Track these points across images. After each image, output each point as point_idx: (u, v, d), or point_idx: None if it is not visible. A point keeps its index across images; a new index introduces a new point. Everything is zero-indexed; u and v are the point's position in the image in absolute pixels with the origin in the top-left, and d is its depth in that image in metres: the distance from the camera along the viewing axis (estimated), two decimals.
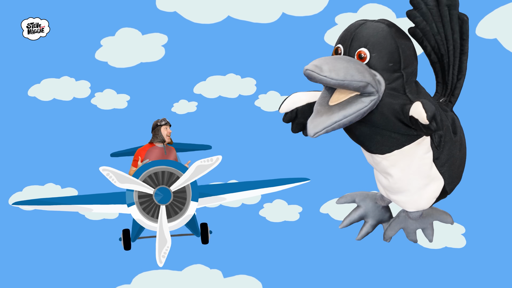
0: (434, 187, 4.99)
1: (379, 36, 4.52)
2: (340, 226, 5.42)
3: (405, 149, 4.75)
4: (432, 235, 5.28)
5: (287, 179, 5.46)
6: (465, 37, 4.97)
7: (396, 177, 4.93)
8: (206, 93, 6.97)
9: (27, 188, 6.11)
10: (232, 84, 7.02)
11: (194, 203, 4.98)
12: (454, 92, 5.12)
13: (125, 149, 6.35)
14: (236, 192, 5.33)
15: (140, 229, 5.28)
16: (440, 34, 4.94)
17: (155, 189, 4.91)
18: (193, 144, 6.13)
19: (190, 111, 6.84)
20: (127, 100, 6.91)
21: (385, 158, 4.83)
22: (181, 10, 7.03)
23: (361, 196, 5.47)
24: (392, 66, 4.52)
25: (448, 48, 4.99)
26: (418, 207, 5.09)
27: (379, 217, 5.43)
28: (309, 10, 7.01)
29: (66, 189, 6.11)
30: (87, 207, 5.25)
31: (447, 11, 4.87)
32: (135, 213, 4.97)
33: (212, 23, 7.02)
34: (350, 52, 4.55)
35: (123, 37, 7.09)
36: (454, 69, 5.05)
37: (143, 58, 7.05)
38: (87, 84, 6.98)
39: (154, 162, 4.99)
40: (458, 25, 4.93)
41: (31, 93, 6.93)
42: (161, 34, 7.09)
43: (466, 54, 5.02)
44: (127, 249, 5.36)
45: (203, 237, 5.38)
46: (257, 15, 7.01)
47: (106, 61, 7.03)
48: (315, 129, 4.39)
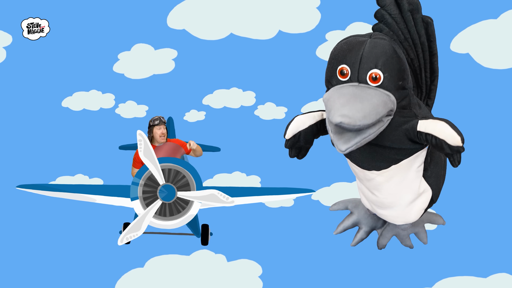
0: (423, 199, 4.61)
1: (388, 55, 4.03)
2: (335, 232, 5.05)
3: (402, 163, 4.36)
4: (425, 238, 4.91)
5: (292, 189, 5.12)
6: (432, 39, 4.61)
7: (387, 193, 4.51)
8: (213, 104, 7.05)
9: (60, 178, 6.03)
10: (235, 97, 7.10)
11: (197, 204, 4.74)
12: (430, 95, 4.80)
13: (134, 143, 5.96)
14: (240, 196, 4.96)
15: None
16: (407, 40, 4.56)
17: (161, 185, 4.66)
18: (204, 145, 5.94)
19: (200, 119, 6.89)
20: (146, 110, 6.90)
21: (381, 174, 4.41)
22: (189, 27, 7.18)
23: (353, 203, 5.08)
24: (401, 84, 4.09)
25: (417, 51, 4.62)
26: (407, 220, 4.70)
27: (372, 224, 5.02)
28: (303, 27, 7.11)
29: (93, 179, 6.03)
30: (90, 197, 4.97)
31: (410, 16, 4.50)
32: (137, 207, 4.69)
33: (216, 40, 7.13)
34: (360, 73, 4.03)
35: (137, 51, 7.21)
36: (426, 71, 4.71)
37: (156, 71, 7.15)
38: (111, 96, 6.99)
39: (161, 159, 4.70)
40: (423, 28, 4.56)
41: (64, 104, 6.95)
42: (172, 49, 7.18)
43: (435, 55, 4.67)
44: (126, 243, 4.97)
45: (203, 238, 5.09)
46: (256, 32, 7.13)
47: (123, 73, 7.10)
48: (347, 144, 3.94)
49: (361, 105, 3.89)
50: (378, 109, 3.92)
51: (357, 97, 3.94)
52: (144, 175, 4.69)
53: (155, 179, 4.67)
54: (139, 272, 4.67)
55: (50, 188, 5.03)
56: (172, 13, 7.18)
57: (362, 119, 3.85)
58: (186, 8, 7.18)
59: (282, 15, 7.15)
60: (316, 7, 7.13)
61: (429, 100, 4.83)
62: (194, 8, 7.17)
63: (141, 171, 4.71)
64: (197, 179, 4.75)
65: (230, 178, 6.05)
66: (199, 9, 7.17)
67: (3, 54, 6.96)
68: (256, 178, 6.00)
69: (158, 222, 4.72)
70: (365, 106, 3.89)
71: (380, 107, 3.94)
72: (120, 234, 4.94)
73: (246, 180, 5.99)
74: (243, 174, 6.07)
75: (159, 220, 4.71)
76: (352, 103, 3.89)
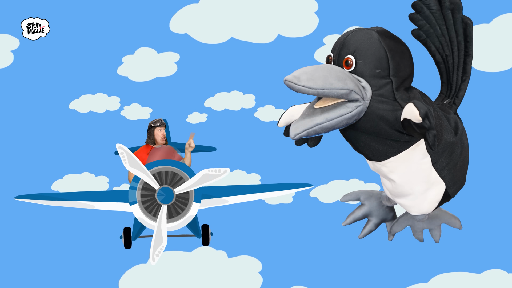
0: (435, 191, 4.50)
1: (366, 43, 4.03)
2: (344, 223, 4.96)
3: (401, 155, 4.28)
4: (438, 237, 4.86)
5: (290, 184, 5.06)
6: (469, 40, 4.55)
7: (397, 183, 4.46)
8: (214, 107, 7.08)
9: (67, 176, 6.05)
10: (236, 99, 7.12)
11: (196, 205, 4.62)
12: (458, 94, 4.70)
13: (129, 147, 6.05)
14: (239, 195, 4.93)
15: (141, 228, 4.90)
16: (444, 36, 4.54)
17: (158, 188, 4.54)
18: (199, 145, 5.97)
19: (202, 121, 6.91)
20: (150, 112, 6.93)
21: (384, 164, 4.36)
22: (191, 32, 7.18)
23: (366, 195, 4.97)
24: (379, 73, 4.03)
25: (453, 49, 4.57)
26: (421, 210, 4.61)
27: (383, 216, 4.94)
28: (301, 31, 7.12)
29: (99, 176, 6.07)
30: (89, 204, 4.85)
31: (451, 15, 4.48)
32: (137, 211, 4.58)
33: (217, 43, 7.15)
34: (339, 60, 4.09)
35: (141, 55, 7.22)
36: (458, 70, 4.63)
37: (159, 73, 7.17)
38: (117, 99, 7.01)
39: (158, 162, 4.62)
40: (462, 28, 4.52)
41: (72, 107, 6.95)
42: (174, 53, 7.20)
43: (470, 56, 4.61)
44: (127, 247, 5.00)
45: (204, 238, 5.01)
46: (256, 36, 7.15)
47: (127, 76, 7.11)
48: (296, 130, 3.92)
49: (313, 71, 3.88)
50: (329, 79, 3.86)
51: (317, 67, 3.95)
52: (141, 179, 4.58)
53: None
54: (142, 267, 4.68)
55: (48, 197, 4.90)
56: (175, 18, 7.21)
57: (307, 80, 3.81)
58: (188, 13, 7.21)
59: (281, 19, 7.18)
60: (314, 12, 7.16)
61: (456, 98, 4.74)
62: (196, 13, 7.21)
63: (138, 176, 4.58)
64: None
65: (231, 175, 6.10)
66: (201, 14, 7.21)
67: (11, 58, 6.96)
68: (256, 176, 6.03)
69: (156, 224, 4.59)
70: (316, 72, 3.87)
71: (332, 78, 3.88)
72: (120, 239, 5.06)
73: (246, 178, 6.01)
74: (243, 172, 6.10)
75: (157, 222, 4.59)
76: (307, 69, 3.91)
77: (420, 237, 4.86)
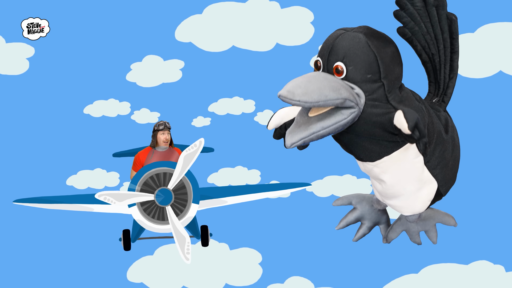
0: (427, 190, 4.32)
1: (355, 48, 3.77)
2: (337, 227, 4.78)
3: (394, 155, 4.07)
4: (435, 238, 4.61)
5: (288, 183, 4.95)
6: (455, 36, 4.34)
7: (389, 183, 4.24)
8: (217, 111, 7.10)
9: (81, 171, 6.04)
10: (237, 104, 7.16)
11: (195, 205, 4.42)
12: (447, 92, 4.49)
13: (127, 150, 5.76)
14: (237, 195, 4.76)
15: (141, 230, 4.66)
16: (430, 34, 4.30)
17: (156, 190, 4.35)
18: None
19: (206, 125, 6.93)
20: (158, 116, 6.94)
21: (376, 165, 4.14)
22: (195, 40, 7.30)
23: (357, 198, 4.73)
24: (371, 77, 3.80)
25: (439, 47, 4.34)
26: (414, 210, 4.41)
27: (375, 219, 4.71)
28: (298, 40, 7.21)
29: (110, 172, 6.05)
30: (88, 207, 4.64)
31: (435, 11, 4.26)
32: (135, 214, 4.39)
33: (220, 51, 7.25)
34: (328, 66, 3.84)
35: (148, 62, 7.30)
36: (445, 68, 4.41)
37: (164, 79, 7.23)
38: (127, 104, 7.02)
39: (156, 164, 4.43)
40: (447, 24, 4.30)
41: (86, 111, 6.95)
42: (179, 60, 7.26)
43: (457, 53, 4.39)
44: (127, 249, 4.74)
45: (203, 239, 4.77)
46: (256, 45, 7.25)
47: (135, 82, 7.18)
48: (292, 139, 3.73)
49: (306, 83, 3.66)
50: (323, 90, 3.64)
51: (310, 78, 3.72)
52: (139, 181, 4.40)
53: (150, 184, 4.38)
54: (149, 259, 4.69)
55: (47, 201, 4.73)
56: (180, 28, 7.31)
57: (302, 95, 3.61)
58: (192, 23, 7.32)
59: (279, 29, 7.27)
60: (310, 22, 7.24)
61: (445, 96, 4.55)
62: (199, 23, 7.31)
63: (136, 177, 4.43)
64: (192, 181, 4.48)
65: (233, 171, 6.16)
66: (204, 24, 7.31)
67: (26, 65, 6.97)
68: (256, 172, 6.09)
69: (157, 226, 4.46)
70: (310, 85, 3.65)
71: (327, 89, 3.65)
72: (120, 242, 4.84)
73: (247, 174, 6.11)
74: (244, 168, 6.16)
75: (157, 224, 4.45)
76: (300, 81, 3.69)
77: (417, 240, 4.66)
